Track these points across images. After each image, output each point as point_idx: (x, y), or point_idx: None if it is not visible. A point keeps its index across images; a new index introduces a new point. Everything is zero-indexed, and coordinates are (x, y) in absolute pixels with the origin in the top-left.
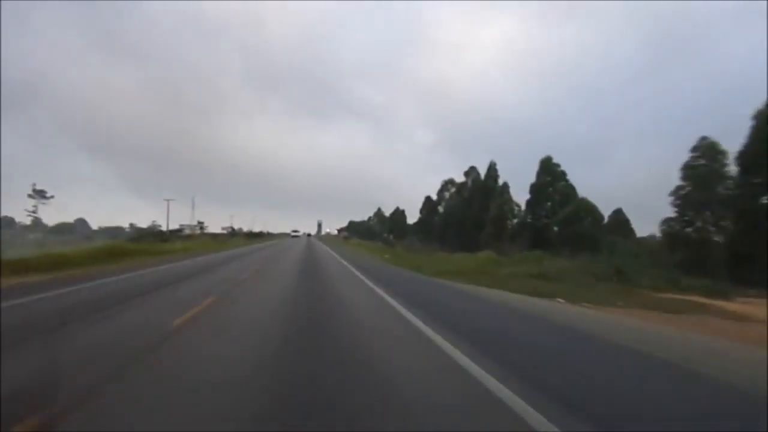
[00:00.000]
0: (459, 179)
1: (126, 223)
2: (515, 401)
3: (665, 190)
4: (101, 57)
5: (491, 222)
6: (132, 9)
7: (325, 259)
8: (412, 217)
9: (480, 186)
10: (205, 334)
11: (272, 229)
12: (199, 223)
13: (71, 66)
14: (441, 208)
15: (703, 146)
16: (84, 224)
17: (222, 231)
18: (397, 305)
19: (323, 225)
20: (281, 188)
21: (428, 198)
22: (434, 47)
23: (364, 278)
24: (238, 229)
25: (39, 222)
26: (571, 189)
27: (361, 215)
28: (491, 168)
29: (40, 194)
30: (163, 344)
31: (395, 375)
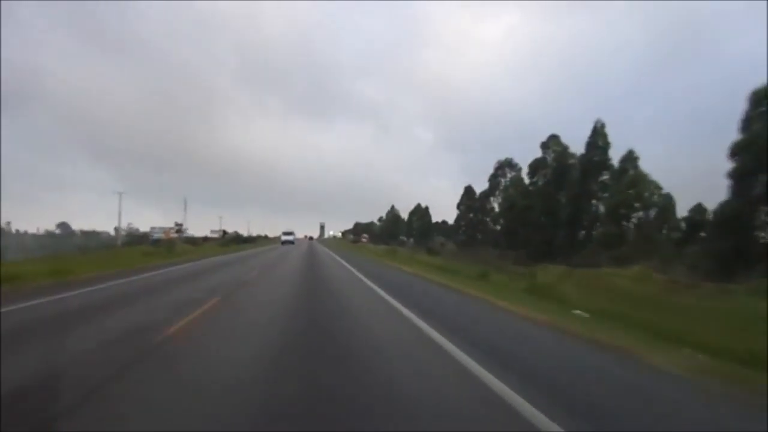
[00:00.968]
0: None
1: (111, 227)
2: None
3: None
4: (88, 53)
5: (609, 215)
6: (124, 5)
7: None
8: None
9: (571, 163)
10: None
11: (272, 233)
12: (177, 225)
13: (58, 62)
14: (495, 200)
15: None
16: (66, 228)
17: (212, 234)
18: None
19: (326, 227)
20: (281, 190)
21: (469, 189)
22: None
23: None
24: (233, 232)
25: None
26: None
27: (367, 216)
28: (598, 131)
29: None
30: None
31: None
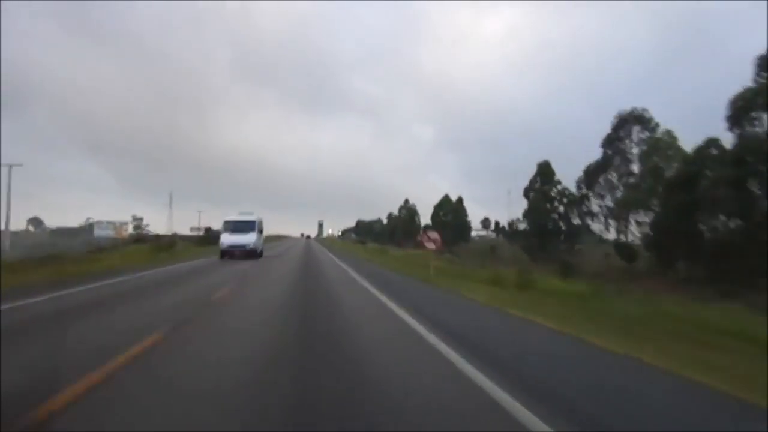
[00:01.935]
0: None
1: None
2: None
3: None
4: (79, 46)
5: None
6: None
7: None
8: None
9: None
10: None
11: (268, 230)
12: (137, 219)
13: (48, 55)
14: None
15: None
16: (39, 224)
17: (191, 233)
18: None
19: (325, 226)
20: (279, 186)
21: (545, 166)
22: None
23: None
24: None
25: None
26: None
27: (367, 215)
28: None
29: None
30: None
31: None
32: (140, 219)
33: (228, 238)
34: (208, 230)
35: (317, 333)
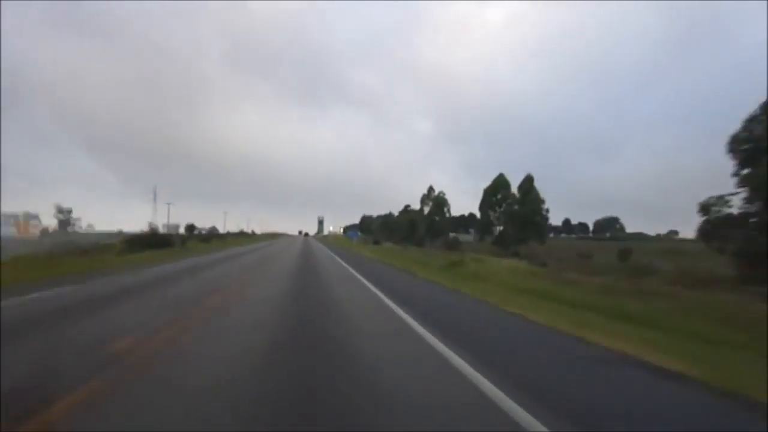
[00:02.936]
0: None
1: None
2: None
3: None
4: (69, 37)
5: None
6: None
7: None
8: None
9: None
10: None
11: (263, 228)
12: (64, 212)
13: (36, 46)
14: None
15: None
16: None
17: (165, 230)
18: None
19: (325, 223)
20: (278, 183)
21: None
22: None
23: None
24: (192, 224)
25: None
26: None
27: (371, 210)
28: None
29: None
30: None
31: None
32: (68, 210)
33: None
34: (193, 228)
35: None
